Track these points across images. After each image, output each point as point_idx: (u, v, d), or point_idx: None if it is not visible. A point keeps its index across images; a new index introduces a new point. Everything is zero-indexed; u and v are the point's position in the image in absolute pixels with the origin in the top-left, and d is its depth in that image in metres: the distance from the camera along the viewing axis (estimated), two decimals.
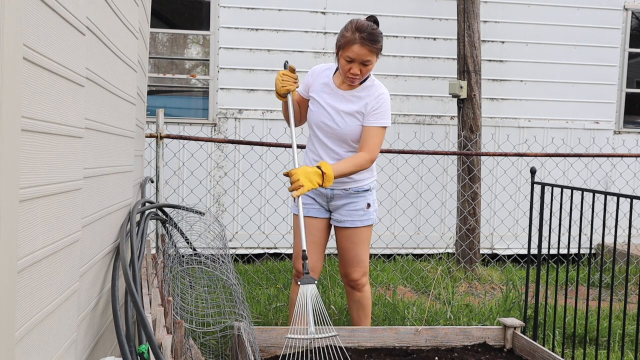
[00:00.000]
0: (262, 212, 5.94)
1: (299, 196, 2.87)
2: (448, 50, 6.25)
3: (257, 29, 6.14)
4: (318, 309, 2.56)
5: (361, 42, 2.86)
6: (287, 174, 2.87)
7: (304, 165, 2.93)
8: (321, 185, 2.86)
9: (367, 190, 3.15)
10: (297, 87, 3.07)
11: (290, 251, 5.89)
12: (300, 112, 3.22)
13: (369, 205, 3.15)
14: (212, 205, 6.07)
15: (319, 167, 2.86)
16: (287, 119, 3.08)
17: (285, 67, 3.09)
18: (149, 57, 5.20)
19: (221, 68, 6.10)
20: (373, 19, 2.99)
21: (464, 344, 3.06)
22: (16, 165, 1.15)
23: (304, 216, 3.13)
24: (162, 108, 4.33)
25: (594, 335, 3.77)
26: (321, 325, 2.54)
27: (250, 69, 6.14)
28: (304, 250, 2.78)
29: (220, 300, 2.77)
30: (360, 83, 3.06)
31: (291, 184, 2.83)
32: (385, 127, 3.03)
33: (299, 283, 2.64)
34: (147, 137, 4.09)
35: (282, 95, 3.06)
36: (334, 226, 3.22)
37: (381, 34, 2.94)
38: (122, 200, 2.46)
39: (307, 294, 2.58)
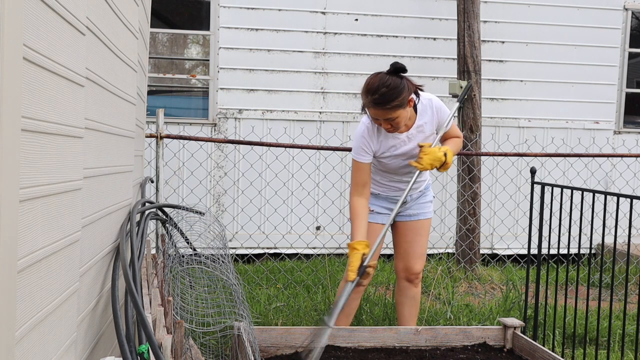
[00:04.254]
0: (262, 212, 5.94)
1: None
2: (448, 50, 6.25)
3: (257, 29, 6.14)
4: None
5: (374, 106, 2.84)
6: (420, 145, 2.98)
7: (444, 148, 2.99)
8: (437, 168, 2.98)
9: (430, 185, 3.38)
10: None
11: (290, 251, 5.89)
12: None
13: (433, 196, 3.40)
14: (212, 205, 6.07)
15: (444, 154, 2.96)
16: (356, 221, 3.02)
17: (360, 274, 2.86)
18: (149, 57, 5.20)
19: (221, 68, 6.10)
20: (393, 68, 2.87)
21: (464, 344, 3.06)
22: (16, 165, 1.15)
23: (379, 223, 3.19)
24: (162, 108, 4.33)
25: (594, 335, 3.77)
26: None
27: (250, 69, 6.14)
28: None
29: (220, 300, 2.77)
30: (415, 112, 3.03)
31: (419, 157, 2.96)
32: None
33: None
34: (147, 137, 4.09)
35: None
36: (400, 222, 3.26)
37: (397, 87, 2.81)
38: (122, 200, 2.46)
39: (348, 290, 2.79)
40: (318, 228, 6.16)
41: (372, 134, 3.02)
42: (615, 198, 4.35)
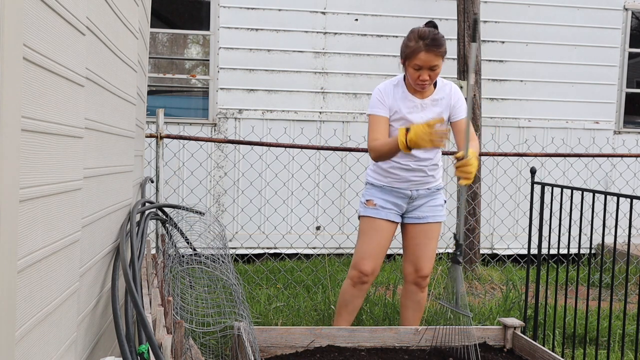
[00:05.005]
0: (262, 212, 5.94)
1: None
2: (448, 50, 6.23)
3: (257, 29, 6.14)
4: (462, 290, 2.84)
5: (426, 49, 2.95)
6: (459, 157, 2.77)
7: (473, 152, 2.82)
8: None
9: (442, 187, 3.30)
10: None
11: (290, 251, 5.89)
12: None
13: (445, 201, 3.29)
14: (212, 205, 6.07)
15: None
16: (388, 154, 2.96)
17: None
18: (149, 57, 5.20)
19: (221, 68, 6.10)
20: (432, 24, 3.06)
21: (464, 344, 3.06)
22: (16, 165, 1.15)
23: (384, 219, 3.19)
24: (162, 108, 4.33)
25: (594, 335, 3.77)
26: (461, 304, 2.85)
27: (250, 69, 6.14)
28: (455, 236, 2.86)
29: (220, 300, 2.77)
30: (434, 87, 3.14)
31: (464, 172, 2.75)
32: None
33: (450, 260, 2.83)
34: (147, 137, 4.09)
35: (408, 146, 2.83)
36: (409, 225, 3.25)
37: (443, 37, 3.02)
38: (122, 200, 2.46)
39: (458, 273, 2.83)
40: (318, 228, 6.16)
41: (389, 90, 3.08)
42: (615, 198, 4.35)
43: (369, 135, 3.07)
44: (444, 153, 5.03)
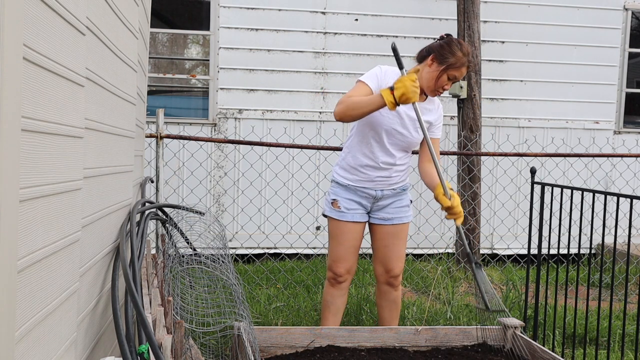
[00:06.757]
0: (262, 212, 5.94)
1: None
2: None
3: (257, 29, 6.14)
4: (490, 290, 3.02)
5: (468, 65, 3.09)
6: (447, 205, 3.00)
7: (451, 191, 3.01)
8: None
9: (408, 188, 3.29)
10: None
11: (290, 251, 5.89)
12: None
13: (410, 201, 3.29)
14: (212, 205, 6.07)
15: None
16: (358, 117, 2.93)
17: (401, 67, 2.95)
18: (149, 57, 5.20)
19: (221, 68, 6.10)
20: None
21: (464, 344, 3.06)
22: (16, 165, 1.15)
23: (350, 222, 3.17)
24: (162, 108, 4.33)
25: (594, 335, 3.77)
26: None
27: (250, 69, 6.14)
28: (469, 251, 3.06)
29: (220, 300, 2.77)
30: (425, 96, 3.18)
31: (454, 213, 3.04)
32: None
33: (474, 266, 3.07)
34: (147, 137, 4.09)
35: (397, 103, 2.80)
36: (376, 225, 3.25)
37: None
38: (122, 200, 2.46)
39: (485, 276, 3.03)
40: (318, 228, 6.16)
41: (390, 76, 3.03)
42: (615, 198, 4.36)
43: (346, 94, 2.99)
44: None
